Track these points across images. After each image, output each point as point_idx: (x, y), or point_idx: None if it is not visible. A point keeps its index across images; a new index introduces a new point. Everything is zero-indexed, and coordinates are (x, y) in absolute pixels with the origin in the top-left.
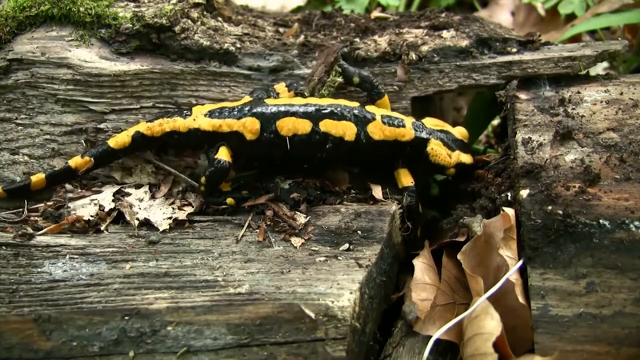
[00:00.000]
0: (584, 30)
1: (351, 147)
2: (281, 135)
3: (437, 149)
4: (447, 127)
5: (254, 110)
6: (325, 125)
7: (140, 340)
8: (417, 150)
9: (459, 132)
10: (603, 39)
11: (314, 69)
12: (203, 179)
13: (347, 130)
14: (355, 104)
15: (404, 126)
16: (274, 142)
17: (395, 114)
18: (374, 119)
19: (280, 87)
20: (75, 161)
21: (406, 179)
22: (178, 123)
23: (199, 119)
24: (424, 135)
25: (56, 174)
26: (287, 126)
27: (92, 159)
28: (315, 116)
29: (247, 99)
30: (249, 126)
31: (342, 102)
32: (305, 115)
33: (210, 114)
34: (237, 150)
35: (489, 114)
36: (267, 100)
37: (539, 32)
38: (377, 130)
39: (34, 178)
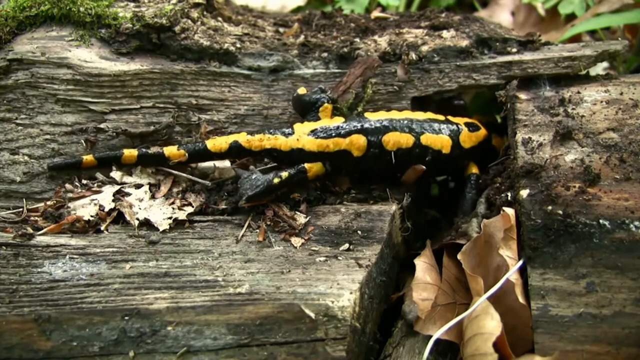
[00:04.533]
0: (584, 30)
1: (447, 158)
2: (386, 150)
3: (496, 140)
4: (466, 119)
5: (359, 127)
6: (427, 139)
7: (140, 340)
8: (487, 145)
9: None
10: (603, 39)
11: (348, 80)
12: (285, 174)
13: (444, 143)
14: (442, 117)
15: (480, 128)
16: (379, 157)
17: (468, 120)
18: (461, 129)
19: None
20: (170, 150)
21: (474, 168)
22: (280, 141)
23: (303, 138)
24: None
25: (148, 155)
26: (392, 140)
27: (187, 153)
28: (417, 130)
29: (339, 118)
30: (356, 143)
31: (430, 115)
32: (408, 130)
33: (314, 133)
34: (339, 167)
35: (489, 112)
36: (367, 115)
37: (539, 32)
38: (467, 139)
39: (126, 152)
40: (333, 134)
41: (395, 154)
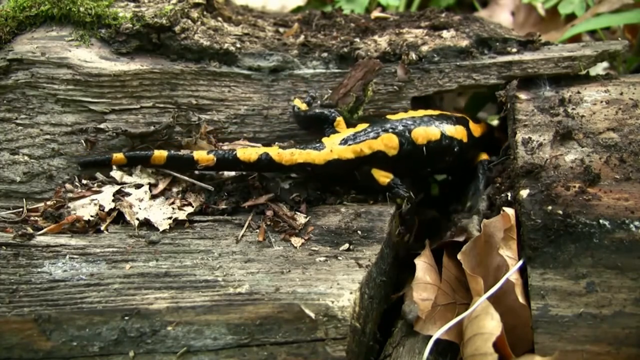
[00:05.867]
0: (584, 30)
1: (466, 147)
2: (418, 145)
3: (497, 132)
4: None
5: (388, 127)
6: (449, 131)
7: (140, 340)
8: (492, 136)
9: None
10: (603, 39)
11: (348, 83)
12: (403, 203)
13: (463, 133)
14: (447, 112)
15: (480, 121)
16: (412, 153)
17: (465, 115)
18: (467, 120)
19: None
20: (200, 154)
21: (485, 155)
22: (313, 155)
23: (336, 149)
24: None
25: (178, 157)
26: (422, 135)
27: (215, 158)
28: (439, 124)
29: (363, 125)
30: (389, 142)
31: (439, 111)
32: (431, 124)
33: (345, 142)
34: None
35: (480, 104)
36: (389, 117)
37: (539, 32)
38: (474, 129)
39: (156, 152)
40: (364, 138)
41: (427, 148)
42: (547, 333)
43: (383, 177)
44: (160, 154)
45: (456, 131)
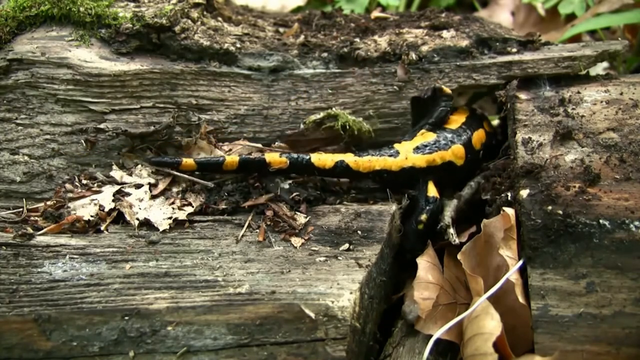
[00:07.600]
0: (584, 30)
1: (495, 136)
2: (476, 150)
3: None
4: None
5: (454, 137)
6: (486, 127)
7: (140, 340)
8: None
9: None
10: (603, 39)
11: None
12: (424, 217)
13: (488, 124)
14: (466, 110)
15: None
16: (473, 158)
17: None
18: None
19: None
20: (272, 156)
21: None
22: (389, 162)
23: (411, 156)
24: None
25: (250, 160)
26: (477, 139)
27: (288, 161)
28: (480, 122)
29: (430, 134)
30: (458, 153)
31: (467, 111)
32: (476, 126)
33: (417, 150)
34: (442, 180)
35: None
36: (447, 126)
37: (539, 32)
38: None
39: (228, 158)
40: (436, 149)
41: (482, 150)
42: (547, 333)
43: (433, 191)
44: (232, 159)
45: (488, 125)
